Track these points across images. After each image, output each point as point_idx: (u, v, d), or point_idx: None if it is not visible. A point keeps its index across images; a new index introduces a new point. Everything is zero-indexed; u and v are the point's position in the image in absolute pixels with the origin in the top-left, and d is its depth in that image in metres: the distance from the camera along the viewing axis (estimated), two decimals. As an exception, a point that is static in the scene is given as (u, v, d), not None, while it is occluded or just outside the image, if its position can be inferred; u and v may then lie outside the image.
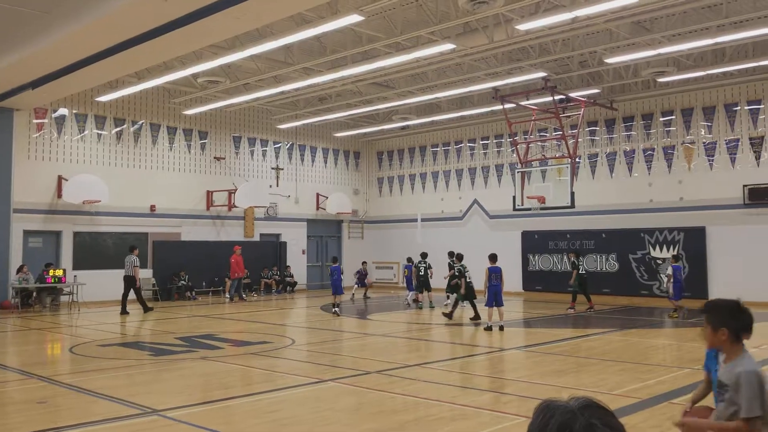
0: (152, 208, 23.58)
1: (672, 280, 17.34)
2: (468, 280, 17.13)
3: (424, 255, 21.26)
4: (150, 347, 13.15)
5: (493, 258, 15.42)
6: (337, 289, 18.25)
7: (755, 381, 3.49)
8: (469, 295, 16.94)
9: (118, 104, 22.92)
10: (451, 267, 19.23)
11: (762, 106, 20.46)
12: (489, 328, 14.81)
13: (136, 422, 7.16)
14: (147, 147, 23.80)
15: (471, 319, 16.70)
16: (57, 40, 14.18)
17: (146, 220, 23.42)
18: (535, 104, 21.66)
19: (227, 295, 23.60)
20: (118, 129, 23.14)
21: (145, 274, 23.15)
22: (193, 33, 13.46)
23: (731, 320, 3.69)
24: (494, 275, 15.04)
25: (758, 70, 19.81)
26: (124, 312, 18.69)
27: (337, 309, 18.27)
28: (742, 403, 3.46)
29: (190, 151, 24.99)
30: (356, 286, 24.61)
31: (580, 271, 19.19)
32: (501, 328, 14.75)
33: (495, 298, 14.86)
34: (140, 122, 23.70)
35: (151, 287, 23.10)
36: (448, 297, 20.02)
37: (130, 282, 19.02)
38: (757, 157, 20.43)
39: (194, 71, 18.87)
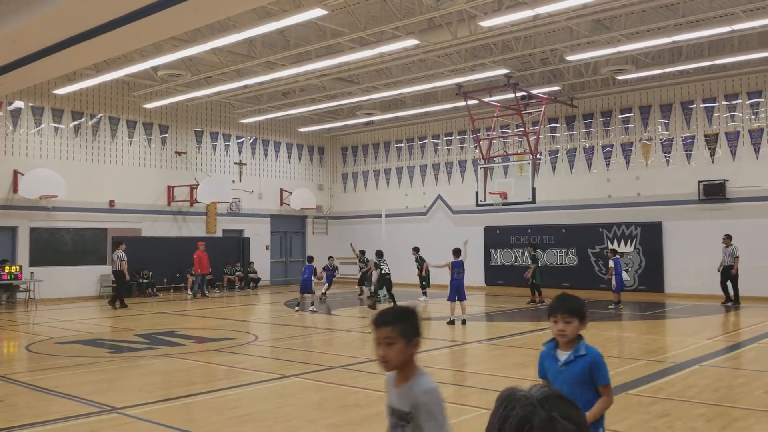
0: (111, 203, 23.19)
1: (614, 273, 17.83)
2: (385, 272, 18.74)
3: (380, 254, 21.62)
4: (109, 344, 12.95)
5: (456, 253, 15.55)
6: (305, 288, 18.09)
7: (439, 398, 2.93)
8: (384, 286, 18.77)
9: (75, 97, 22.46)
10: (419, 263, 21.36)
11: (717, 104, 20.98)
12: (452, 322, 14.94)
13: (95, 420, 7.06)
14: (106, 141, 23.38)
15: (369, 306, 17.92)
16: (11, 30, 13.82)
17: (105, 216, 23.01)
18: (497, 101, 21.87)
19: (189, 292, 23.37)
20: (76, 122, 22.68)
21: (105, 271, 22.81)
22: (152, 25, 13.25)
23: (420, 329, 2.98)
24: (456, 270, 15.16)
25: (713, 69, 20.30)
26: (122, 305, 19.18)
27: (298, 307, 18.18)
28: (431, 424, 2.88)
29: (150, 146, 24.62)
30: (326, 284, 22.62)
31: (539, 265, 19.60)
32: (463, 322, 14.88)
33: (457, 292, 14.99)
34: (99, 116, 23.26)
35: (111, 284, 22.74)
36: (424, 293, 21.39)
37: (119, 277, 19.47)
38: (712, 154, 20.95)
39: (154, 64, 18.60)
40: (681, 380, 8.88)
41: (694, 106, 21.38)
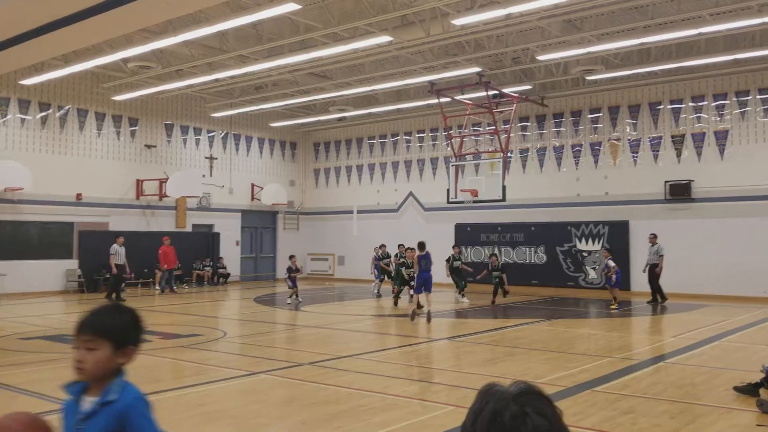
0: (78, 196, 22.83)
1: (615, 271, 18.00)
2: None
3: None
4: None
5: (421, 246, 15.63)
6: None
7: None
8: None
9: (43, 88, 22.05)
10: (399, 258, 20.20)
11: (683, 106, 21.35)
12: (413, 315, 15.02)
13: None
14: (74, 133, 23.01)
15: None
16: (-24, 19, 13.52)
17: (72, 209, 22.65)
18: (469, 99, 21.96)
19: (157, 287, 23.15)
20: (43, 114, 22.27)
21: (71, 265, 22.48)
22: (123, 16, 13.05)
23: None
24: (424, 262, 15.24)
25: (681, 71, 20.65)
26: (117, 298, 19.10)
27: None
28: None
29: (119, 138, 24.28)
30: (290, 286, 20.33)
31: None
32: (428, 315, 14.76)
33: (424, 284, 15.06)
34: (67, 107, 22.88)
35: (77, 279, 22.42)
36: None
37: (119, 270, 19.60)
38: (678, 155, 21.31)
39: (124, 56, 18.34)
40: (646, 377, 9.04)
41: (662, 107, 21.73)
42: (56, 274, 22.29)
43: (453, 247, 20.97)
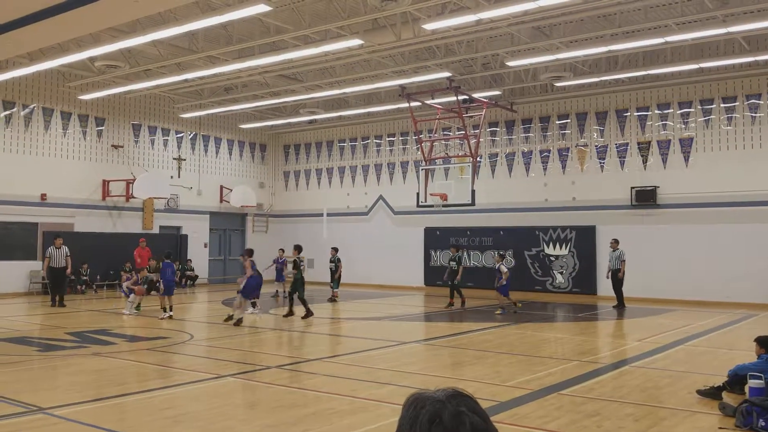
0: (43, 196, 22.40)
1: (507, 277, 17.70)
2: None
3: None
4: (38, 342, 12.52)
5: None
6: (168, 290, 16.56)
7: None
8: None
9: (7, 86, 21.60)
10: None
11: (649, 113, 21.72)
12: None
13: (20, 421, 6.81)
14: (39, 132, 22.58)
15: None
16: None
17: (36, 210, 22.22)
18: (439, 103, 22.09)
19: (124, 290, 22.83)
20: (8, 112, 21.82)
21: (35, 267, 22.03)
22: (90, 15, 12.86)
23: None
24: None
25: (647, 79, 21.00)
26: (57, 304, 18.29)
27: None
28: None
29: (85, 138, 23.90)
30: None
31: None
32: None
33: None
34: (32, 106, 22.45)
35: (41, 280, 21.99)
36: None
37: (52, 273, 18.47)
38: (644, 161, 21.67)
39: (92, 54, 18.06)
40: (611, 380, 9.15)
41: (628, 114, 22.08)
42: (20, 275, 21.84)
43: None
